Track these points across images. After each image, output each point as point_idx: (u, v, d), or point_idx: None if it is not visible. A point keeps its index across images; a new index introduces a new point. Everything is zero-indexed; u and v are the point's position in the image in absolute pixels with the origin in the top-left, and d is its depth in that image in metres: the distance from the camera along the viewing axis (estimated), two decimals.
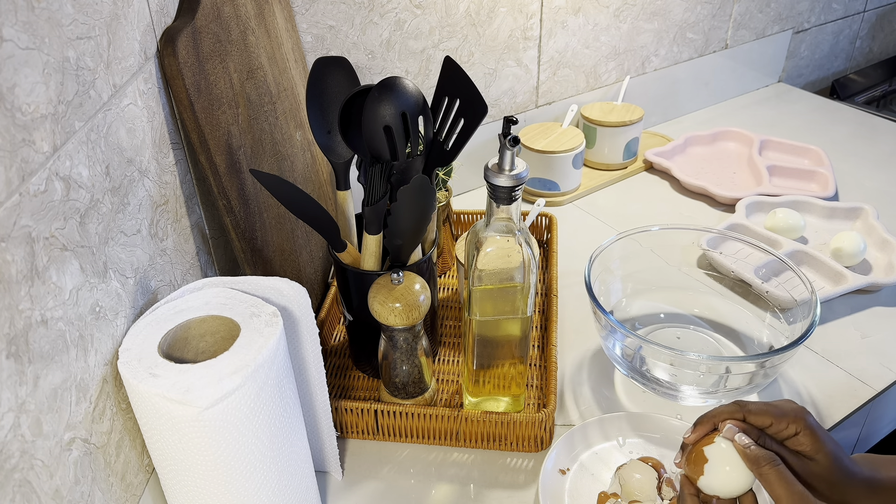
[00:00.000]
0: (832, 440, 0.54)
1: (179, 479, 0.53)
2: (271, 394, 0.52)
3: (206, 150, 0.65)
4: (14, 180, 0.42)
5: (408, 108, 0.66)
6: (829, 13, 1.56)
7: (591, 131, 1.19)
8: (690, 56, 1.36)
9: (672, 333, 0.86)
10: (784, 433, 0.54)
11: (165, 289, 0.64)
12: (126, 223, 0.57)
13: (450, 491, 0.69)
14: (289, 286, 0.58)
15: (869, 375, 0.81)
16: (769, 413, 0.54)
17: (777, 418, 0.54)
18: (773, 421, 0.54)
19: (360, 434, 0.75)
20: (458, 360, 0.84)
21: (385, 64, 0.99)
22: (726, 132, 1.31)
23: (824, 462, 0.53)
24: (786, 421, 0.54)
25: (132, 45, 0.59)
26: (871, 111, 1.43)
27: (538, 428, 0.71)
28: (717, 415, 0.56)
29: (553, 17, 1.12)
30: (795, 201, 1.09)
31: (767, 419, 0.54)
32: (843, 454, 0.54)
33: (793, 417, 0.54)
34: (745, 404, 0.55)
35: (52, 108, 0.47)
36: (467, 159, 1.10)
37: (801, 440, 0.53)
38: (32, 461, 0.45)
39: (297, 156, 0.84)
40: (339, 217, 0.76)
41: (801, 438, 0.53)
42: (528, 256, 0.64)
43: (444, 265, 0.97)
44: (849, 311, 0.90)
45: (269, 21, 0.81)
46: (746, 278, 0.86)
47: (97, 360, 0.52)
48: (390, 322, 0.67)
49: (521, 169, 0.59)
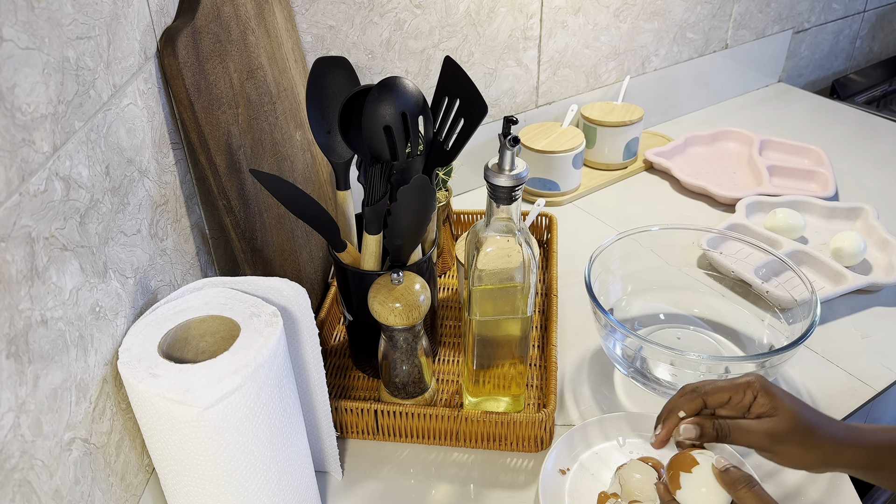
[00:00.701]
0: (791, 397, 0.57)
1: (179, 479, 0.53)
2: (271, 394, 0.52)
3: (206, 150, 0.65)
4: (14, 180, 0.42)
5: (408, 108, 0.66)
6: (829, 13, 1.56)
7: (591, 131, 1.19)
8: (690, 56, 1.36)
9: (672, 333, 0.86)
10: (744, 402, 0.57)
11: (165, 289, 0.64)
12: (126, 223, 0.57)
13: (450, 491, 0.69)
14: (288, 286, 0.58)
15: (869, 375, 0.81)
16: (725, 389, 0.57)
17: (733, 391, 0.57)
18: (731, 394, 0.57)
19: (360, 434, 0.75)
20: (458, 360, 0.84)
21: (385, 64, 0.99)
22: (726, 132, 1.31)
23: (787, 416, 0.55)
24: (741, 389, 0.57)
25: (132, 45, 0.59)
26: (871, 111, 1.43)
27: (538, 428, 0.71)
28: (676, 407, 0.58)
29: (553, 17, 1.12)
30: (795, 201, 1.09)
31: (725, 395, 0.57)
32: (808, 409, 0.56)
33: (746, 384, 0.57)
34: (700, 387, 0.58)
35: (52, 108, 0.47)
36: (467, 159, 1.10)
37: (760, 401, 0.56)
38: (32, 461, 0.45)
39: (297, 156, 0.84)
40: (339, 217, 0.76)
41: (760, 400, 0.56)
42: (528, 256, 0.64)
43: (444, 265, 0.97)
44: (849, 311, 0.90)
45: (269, 21, 0.81)
46: (746, 278, 0.86)
47: (97, 360, 0.52)
48: (390, 322, 0.67)
49: (521, 169, 0.59)
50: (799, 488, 0.68)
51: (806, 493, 0.68)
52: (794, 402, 0.56)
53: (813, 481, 0.69)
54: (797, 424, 0.55)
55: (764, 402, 0.56)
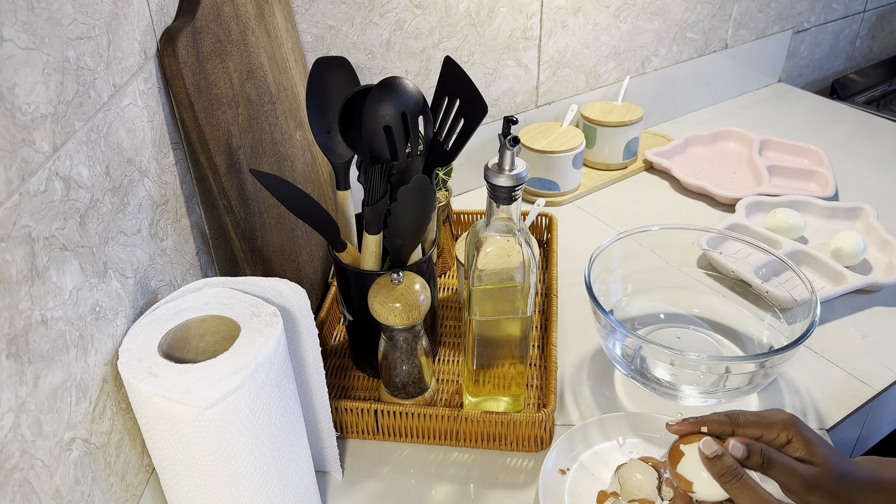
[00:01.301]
0: (825, 443, 0.54)
1: (179, 479, 0.53)
2: (271, 394, 0.52)
3: (206, 150, 0.65)
4: (14, 180, 0.42)
5: (408, 108, 0.66)
6: (829, 13, 1.56)
7: (591, 131, 1.19)
8: (690, 56, 1.36)
9: (672, 333, 0.86)
10: (776, 442, 0.54)
11: (165, 289, 0.64)
12: (126, 223, 0.57)
13: (450, 491, 0.69)
14: (288, 287, 0.58)
15: (869, 375, 0.81)
16: (759, 424, 0.54)
17: (767, 429, 0.54)
18: (764, 432, 0.54)
19: (360, 434, 0.75)
20: (458, 360, 0.84)
21: (385, 64, 0.99)
22: (726, 132, 1.31)
23: (821, 464, 0.53)
24: (776, 430, 0.54)
25: (132, 44, 0.59)
26: (871, 111, 1.43)
27: (538, 428, 0.71)
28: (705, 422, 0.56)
29: (553, 17, 1.12)
30: (795, 201, 1.09)
31: (757, 430, 0.54)
32: (839, 456, 0.54)
33: (782, 426, 0.54)
34: (735, 417, 0.55)
35: (52, 108, 0.47)
36: (467, 159, 1.10)
37: (795, 446, 0.54)
38: (32, 461, 0.45)
39: (297, 156, 0.84)
40: (339, 217, 0.76)
41: (795, 444, 0.54)
42: (528, 256, 0.64)
43: (444, 265, 0.97)
44: (849, 311, 0.90)
45: (269, 21, 0.81)
46: (746, 278, 0.86)
47: (97, 360, 0.52)
48: (390, 322, 0.67)
49: (521, 169, 0.59)
50: None
51: None
52: (828, 449, 0.54)
53: None
54: (831, 475, 0.53)
55: (799, 448, 0.53)
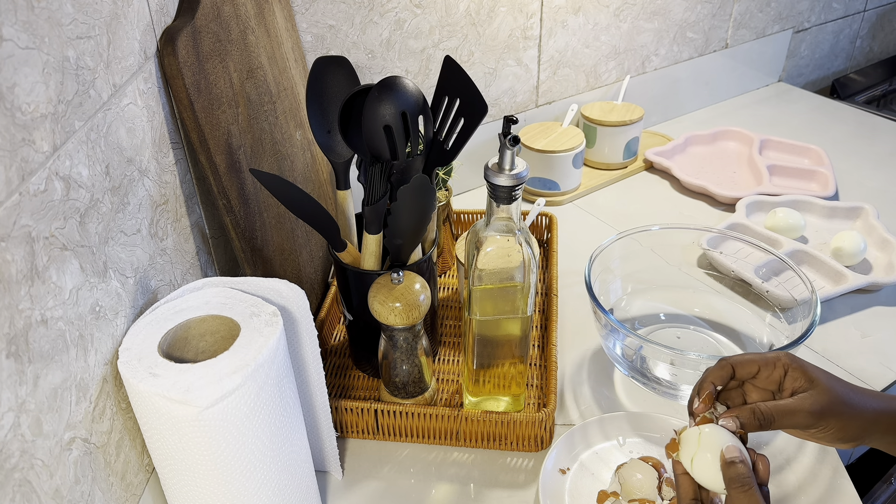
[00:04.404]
0: (826, 373, 0.55)
1: (179, 479, 0.53)
2: (271, 393, 0.52)
3: (206, 149, 0.65)
4: (14, 180, 0.42)
5: (408, 107, 0.66)
6: (829, 12, 1.56)
7: (591, 131, 1.19)
8: (690, 55, 1.36)
9: (672, 333, 0.86)
10: (774, 376, 0.55)
11: (165, 288, 0.64)
12: (126, 223, 0.57)
13: (450, 491, 0.69)
14: (288, 287, 0.58)
15: (869, 375, 0.81)
16: (755, 361, 0.56)
17: (763, 364, 0.56)
18: (760, 366, 0.56)
19: (360, 434, 0.75)
20: (458, 360, 0.84)
21: (385, 63, 0.99)
22: (726, 132, 1.31)
23: (824, 389, 0.53)
24: (772, 364, 0.55)
25: (132, 44, 0.59)
26: (871, 111, 1.43)
27: (538, 427, 0.71)
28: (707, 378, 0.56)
29: (553, 17, 1.12)
30: (795, 201, 1.09)
31: (754, 367, 0.56)
32: (838, 381, 0.55)
33: (775, 358, 0.56)
34: (730, 358, 0.57)
35: (52, 108, 0.47)
36: (467, 159, 1.10)
37: (793, 376, 0.55)
38: (32, 461, 0.45)
39: (297, 155, 0.84)
40: (339, 217, 0.76)
41: (792, 374, 0.55)
42: (528, 256, 0.64)
43: (444, 265, 0.97)
44: (849, 310, 0.90)
45: (269, 20, 0.81)
46: (746, 278, 0.86)
47: (97, 359, 0.52)
48: (390, 322, 0.67)
49: (521, 168, 0.59)
50: (799, 488, 0.68)
51: (806, 492, 0.68)
52: (825, 374, 0.54)
53: (813, 481, 0.69)
54: (836, 396, 0.53)
55: (797, 377, 0.54)
